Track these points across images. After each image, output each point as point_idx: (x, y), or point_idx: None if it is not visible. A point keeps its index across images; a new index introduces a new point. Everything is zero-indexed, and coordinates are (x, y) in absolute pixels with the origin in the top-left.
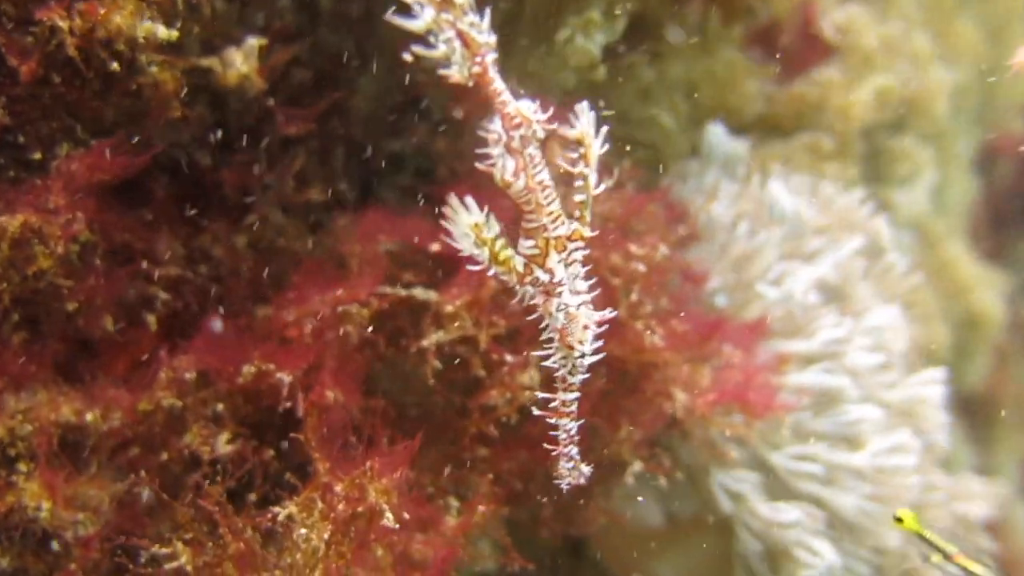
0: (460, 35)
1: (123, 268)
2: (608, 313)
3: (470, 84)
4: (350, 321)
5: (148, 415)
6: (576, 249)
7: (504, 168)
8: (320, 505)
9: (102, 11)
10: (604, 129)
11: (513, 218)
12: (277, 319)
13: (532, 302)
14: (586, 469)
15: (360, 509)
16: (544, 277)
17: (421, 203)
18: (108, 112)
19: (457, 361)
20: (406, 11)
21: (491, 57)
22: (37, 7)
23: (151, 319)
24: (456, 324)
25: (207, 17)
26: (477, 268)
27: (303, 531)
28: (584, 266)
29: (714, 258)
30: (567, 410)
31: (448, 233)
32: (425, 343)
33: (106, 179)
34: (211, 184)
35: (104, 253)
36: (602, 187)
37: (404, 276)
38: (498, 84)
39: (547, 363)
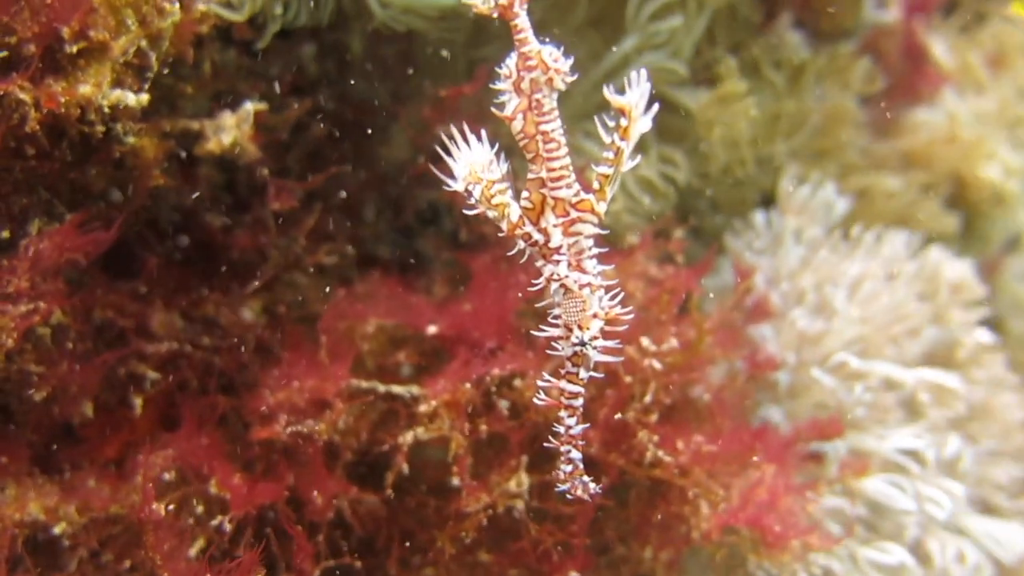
0: None
1: (108, 347)
2: (626, 312)
3: (494, 16)
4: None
5: (120, 518)
6: (580, 220)
7: (507, 105)
8: None
9: (62, 84)
10: (655, 107)
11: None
12: (256, 405)
13: (538, 265)
14: (592, 485)
15: None
16: (538, 236)
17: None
18: (90, 183)
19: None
20: None
21: None
22: None
23: (138, 402)
24: (434, 424)
25: (206, 74)
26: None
27: None
28: (596, 247)
29: (783, 330)
30: (568, 402)
31: (445, 167)
32: (400, 441)
33: (77, 258)
34: (220, 247)
35: (85, 333)
36: (634, 162)
37: (396, 355)
38: (522, 21)
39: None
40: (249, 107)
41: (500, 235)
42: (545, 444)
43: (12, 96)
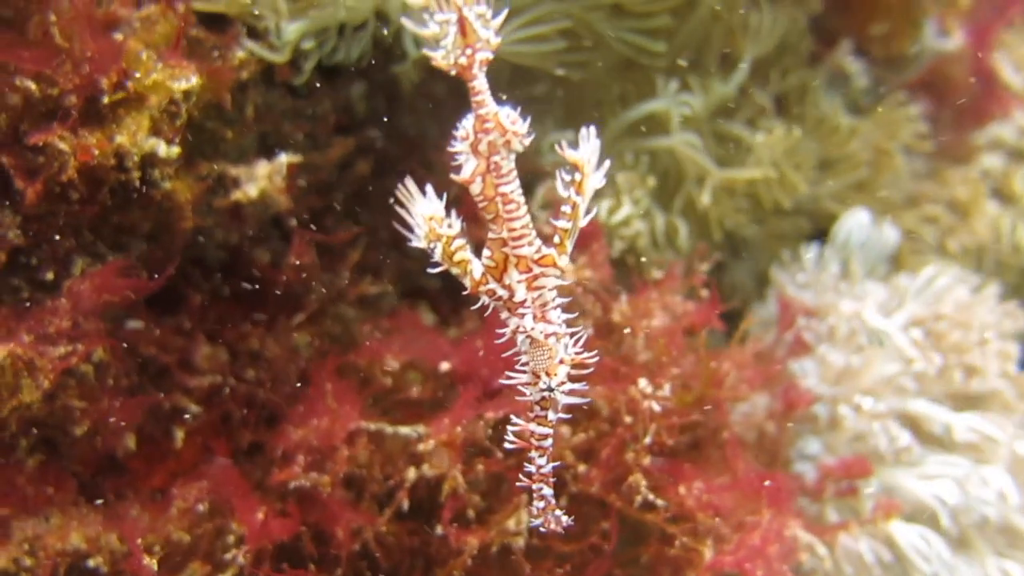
0: (461, 21)
1: (152, 382)
2: (591, 356)
3: (452, 73)
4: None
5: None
6: (543, 275)
7: (464, 168)
8: None
9: (97, 135)
10: (606, 163)
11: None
12: (278, 442)
13: (504, 318)
14: (564, 518)
15: None
16: (502, 292)
17: None
18: (132, 224)
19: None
20: None
21: (483, 55)
22: (35, 132)
23: (179, 434)
24: (435, 462)
25: (249, 117)
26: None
27: None
28: (560, 297)
29: (823, 365)
30: (538, 444)
31: (401, 221)
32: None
33: (118, 299)
34: (267, 281)
35: (129, 368)
36: (589, 217)
37: (407, 394)
38: (480, 83)
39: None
40: (283, 159)
41: (464, 292)
42: (517, 484)
43: (53, 146)
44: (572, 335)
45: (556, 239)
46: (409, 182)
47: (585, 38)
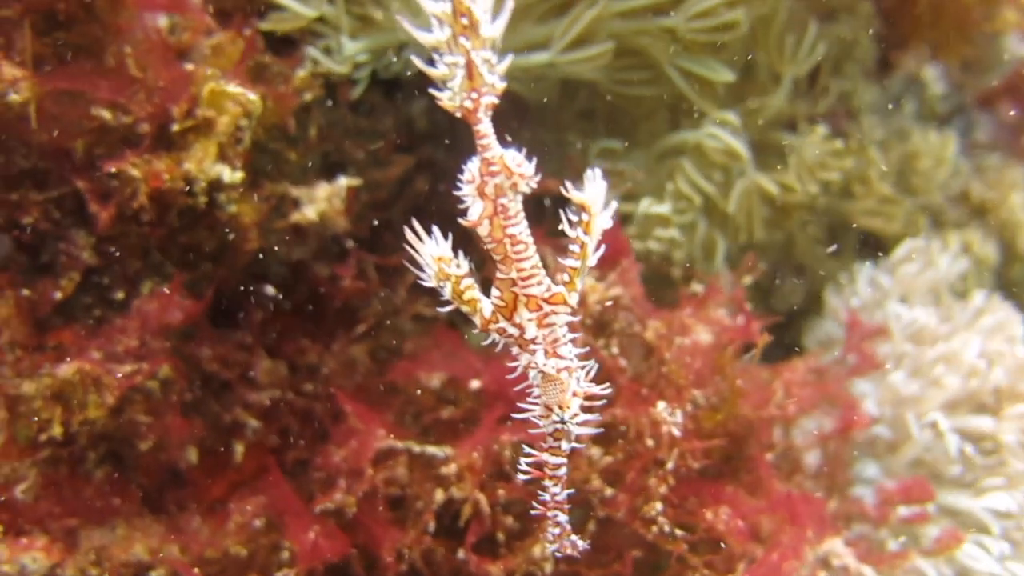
0: (469, 65)
1: (215, 396)
2: (603, 389)
3: (457, 115)
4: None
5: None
6: (554, 313)
7: (470, 211)
8: None
9: (166, 161)
10: (613, 204)
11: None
12: (321, 463)
13: (515, 353)
14: (580, 542)
15: None
16: (512, 331)
17: None
18: (199, 245)
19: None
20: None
21: (489, 99)
22: (109, 159)
23: (239, 448)
24: (462, 485)
25: (312, 138)
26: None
27: None
28: (571, 332)
29: (881, 387)
30: (553, 473)
31: (412, 260)
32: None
33: (178, 321)
34: (326, 296)
35: (192, 383)
36: (598, 255)
37: (442, 412)
38: (484, 127)
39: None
40: (343, 182)
41: (474, 331)
42: (532, 512)
43: (125, 173)
44: (583, 368)
45: (565, 277)
46: (415, 224)
47: (639, 58)
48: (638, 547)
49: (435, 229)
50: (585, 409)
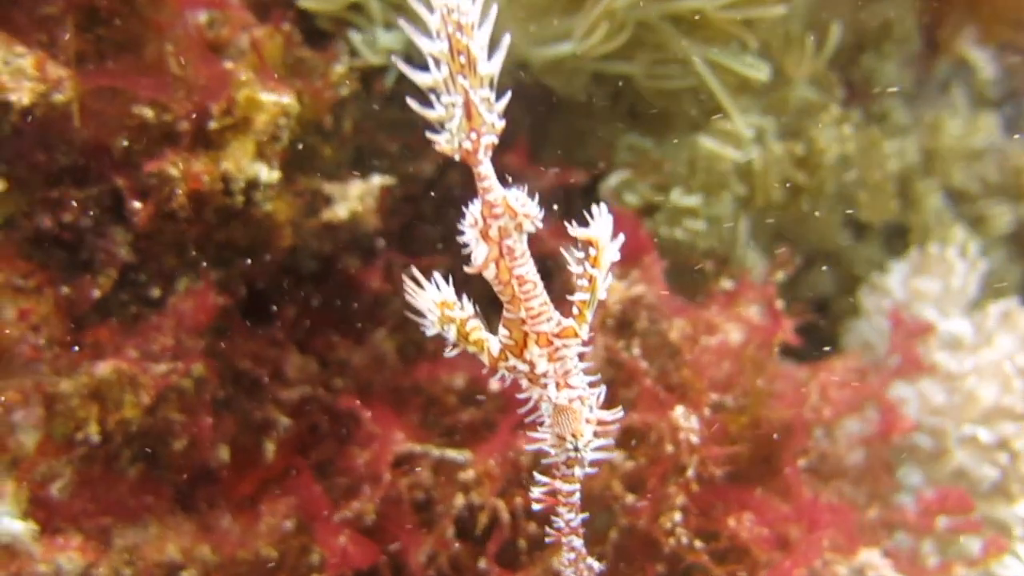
0: (467, 105)
1: (246, 393)
2: (615, 414)
3: (456, 158)
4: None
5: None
6: (565, 347)
7: (475, 255)
8: None
9: (204, 161)
10: (620, 237)
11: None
12: (344, 465)
13: (524, 387)
14: (596, 564)
15: None
16: (522, 367)
17: None
18: (234, 242)
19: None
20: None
21: (489, 139)
22: (149, 158)
23: (270, 446)
24: (481, 490)
25: (347, 132)
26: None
27: None
28: (581, 361)
29: (922, 394)
30: (567, 500)
31: (411, 308)
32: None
33: (210, 320)
34: (355, 290)
35: (224, 381)
36: (607, 284)
37: (463, 416)
38: (484, 168)
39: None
40: (376, 181)
41: (484, 371)
42: (546, 539)
43: (164, 172)
44: (594, 394)
45: (575, 311)
46: (414, 271)
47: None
48: (661, 557)
49: (435, 274)
50: (597, 435)
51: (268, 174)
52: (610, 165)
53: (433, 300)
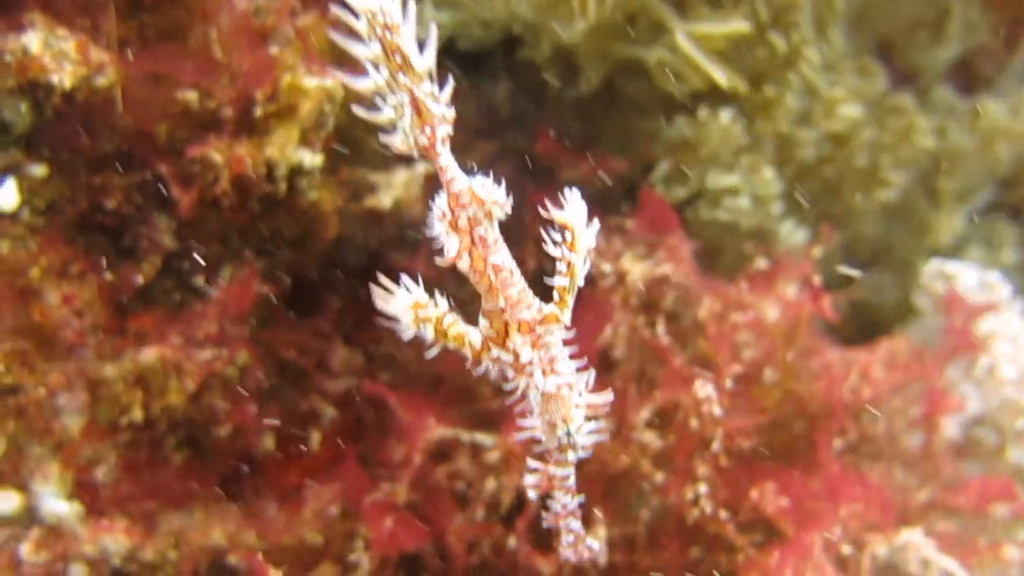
0: (414, 102)
1: (291, 384)
2: (605, 397)
3: (415, 155)
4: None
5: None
6: (548, 333)
7: (446, 248)
8: None
9: (247, 146)
10: (595, 223)
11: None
12: (382, 456)
13: (510, 377)
14: (595, 544)
15: None
16: (506, 357)
17: None
18: (278, 231)
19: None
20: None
21: (444, 131)
22: (192, 144)
23: (316, 436)
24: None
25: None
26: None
27: None
28: (565, 347)
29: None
30: (561, 485)
31: (383, 316)
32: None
33: (253, 308)
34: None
35: (269, 371)
36: (586, 269)
37: (493, 404)
38: (444, 159)
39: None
40: (420, 169)
41: (467, 366)
42: (544, 524)
43: (208, 158)
44: (582, 380)
45: (556, 297)
46: (382, 279)
47: None
48: (695, 539)
49: (403, 276)
50: (588, 419)
51: (312, 160)
52: (655, 157)
53: (404, 304)
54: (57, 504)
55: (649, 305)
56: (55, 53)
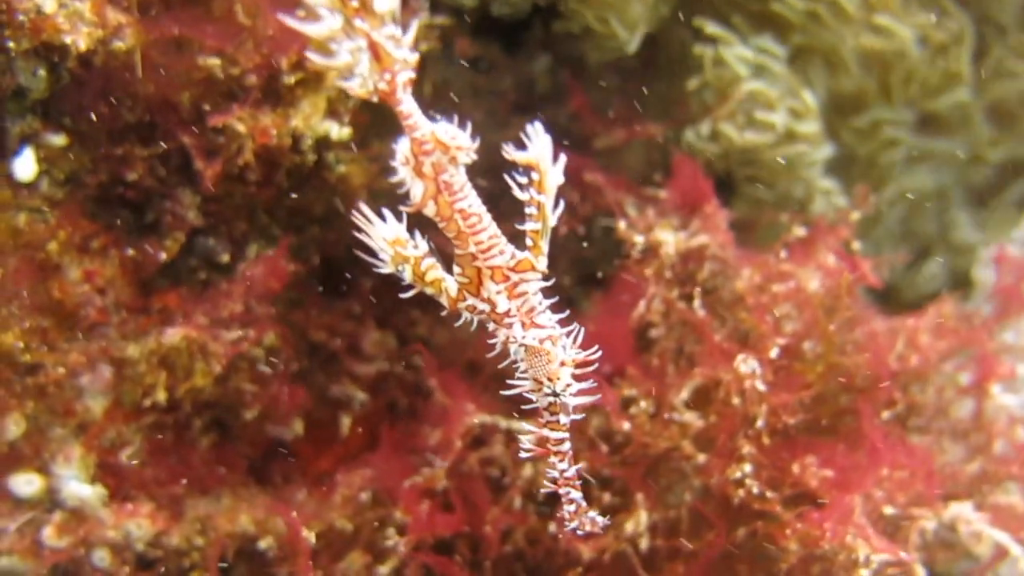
0: (372, 46)
1: (321, 367)
2: (590, 353)
3: (374, 100)
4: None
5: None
6: (523, 281)
7: (412, 193)
8: None
9: (272, 116)
10: (562, 158)
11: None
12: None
13: (491, 330)
14: (599, 517)
15: None
16: (483, 307)
17: None
18: (307, 207)
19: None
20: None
21: (405, 75)
22: (216, 112)
23: (346, 421)
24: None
25: (427, 96)
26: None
27: None
28: (546, 298)
29: None
30: (557, 449)
31: (363, 246)
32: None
33: (280, 287)
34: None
35: (299, 353)
36: (559, 212)
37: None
38: (406, 105)
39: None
40: None
41: (443, 313)
42: (542, 490)
43: (231, 128)
44: (568, 334)
45: (529, 242)
46: (363, 207)
47: None
48: (738, 520)
49: (386, 211)
50: (578, 377)
51: (339, 132)
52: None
53: (385, 237)
54: (80, 487)
55: (684, 278)
56: (69, 13)
